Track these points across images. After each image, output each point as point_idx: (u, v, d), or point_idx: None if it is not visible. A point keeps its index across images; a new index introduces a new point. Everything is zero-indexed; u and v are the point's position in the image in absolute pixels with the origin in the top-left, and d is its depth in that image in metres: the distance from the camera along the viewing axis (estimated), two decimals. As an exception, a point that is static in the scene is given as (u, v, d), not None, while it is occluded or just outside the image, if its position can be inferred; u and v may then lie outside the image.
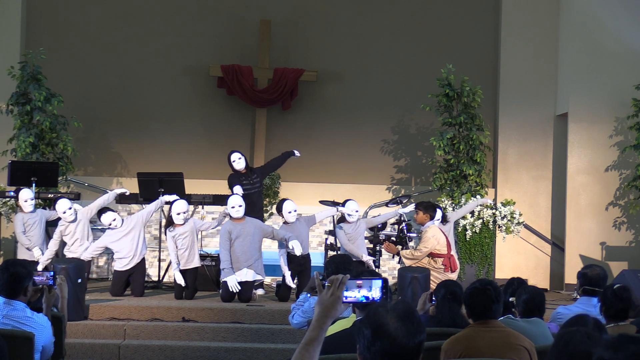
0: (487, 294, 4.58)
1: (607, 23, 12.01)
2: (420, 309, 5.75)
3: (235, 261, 9.38)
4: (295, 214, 9.73)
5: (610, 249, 11.89)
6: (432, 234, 9.43)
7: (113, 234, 9.64)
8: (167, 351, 8.21)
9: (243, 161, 10.31)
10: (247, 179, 10.27)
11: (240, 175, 10.29)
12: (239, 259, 9.38)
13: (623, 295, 5.41)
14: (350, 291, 2.83)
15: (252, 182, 10.28)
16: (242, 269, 9.36)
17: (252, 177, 10.30)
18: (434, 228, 9.51)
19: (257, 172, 10.47)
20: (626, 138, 11.84)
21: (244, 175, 10.29)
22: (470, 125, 11.61)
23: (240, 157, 10.32)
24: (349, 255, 6.84)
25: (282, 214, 9.73)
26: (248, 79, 12.39)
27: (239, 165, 10.29)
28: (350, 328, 4.09)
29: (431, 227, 9.49)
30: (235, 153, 10.38)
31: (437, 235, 9.46)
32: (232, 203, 9.44)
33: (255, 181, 10.30)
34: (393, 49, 12.93)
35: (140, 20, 12.82)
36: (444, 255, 9.46)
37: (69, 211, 9.66)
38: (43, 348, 4.81)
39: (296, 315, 6.26)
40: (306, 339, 2.79)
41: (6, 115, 11.44)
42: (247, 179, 10.27)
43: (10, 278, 4.80)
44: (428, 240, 9.38)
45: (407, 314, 2.62)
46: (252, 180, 10.29)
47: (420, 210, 9.60)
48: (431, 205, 9.70)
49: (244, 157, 10.36)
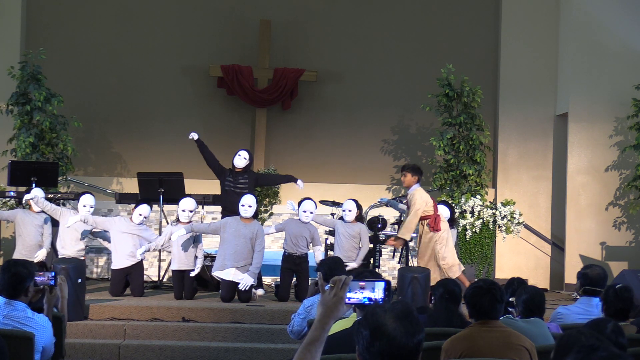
0: (492, 294, 4.58)
1: (607, 23, 12.01)
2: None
3: (223, 257, 9.34)
4: (311, 215, 9.73)
5: (610, 249, 11.89)
6: (419, 195, 9.45)
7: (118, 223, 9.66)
8: (167, 351, 8.20)
9: (245, 162, 10.07)
10: (232, 176, 10.04)
11: (230, 171, 10.11)
12: (228, 257, 9.31)
13: (624, 295, 5.42)
14: (353, 292, 2.83)
15: (235, 182, 10.02)
16: (228, 267, 9.32)
17: (238, 177, 10.04)
18: (420, 190, 9.53)
19: (251, 177, 10.17)
20: (626, 138, 11.84)
21: (233, 172, 10.11)
22: (470, 125, 11.62)
23: (246, 157, 10.12)
24: (339, 257, 6.82)
25: (299, 210, 9.75)
26: (248, 79, 12.39)
27: (238, 162, 10.07)
28: (351, 328, 4.09)
29: (417, 189, 9.51)
30: (242, 150, 10.24)
31: (424, 196, 9.50)
32: (242, 201, 9.43)
33: (239, 182, 10.02)
34: (393, 49, 12.94)
35: (140, 20, 12.81)
36: (431, 217, 9.48)
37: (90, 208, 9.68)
38: (43, 348, 4.80)
39: (296, 321, 6.19)
40: (308, 339, 2.79)
41: (6, 115, 11.44)
42: (231, 176, 10.05)
43: (11, 278, 4.80)
44: (416, 202, 9.38)
45: (405, 314, 2.61)
46: (237, 180, 10.03)
47: (409, 173, 9.58)
48: (418, 168, 9.71)
49: (249, 159, 10.12)
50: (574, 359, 2.42)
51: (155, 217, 10.87)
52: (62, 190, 11.18)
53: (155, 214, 10.76)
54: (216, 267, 9.40)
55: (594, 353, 2.40)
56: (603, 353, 2.39)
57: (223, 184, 10.11)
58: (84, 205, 9.71)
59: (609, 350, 2.39)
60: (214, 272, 9.44)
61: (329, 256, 8.44)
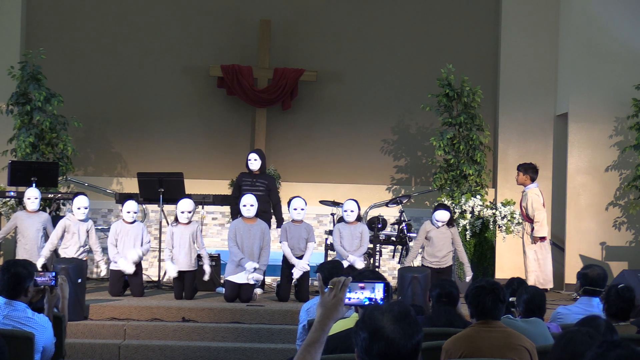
0: (495, 294, 4.58)
1: (607, 23, 12.01)
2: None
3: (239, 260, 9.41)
4: (302, 212, 9.72)
5: (610, 249, 11.89)
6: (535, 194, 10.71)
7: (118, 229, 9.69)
8: (167, 351, 8.20)
9: (259, 163, 10.15)
10: (251, 178, 10.18)
11: (248, 175, 10.25)
12: (245, 259, 9.40)
13: (626, 295, 5.41)
14: (353, 293, 2.84)
15: (254, 184, 10.14)
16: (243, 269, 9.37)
17: (257, 180, 10.17)
18: (534, 189, 10.74)
19: (267, 180, 10.27)
20: (626, 138, 11.84)
21: (251, 175, 10.24)
22: (470, 125, 11.61)
23: (257, 159, 10.16)
24: (339, 261, 6.79)
25: (289, 210, 9.76)
26: (248, 79, 12.39)
27: (253, 165, 10.17)
28: (352, 328, 4.09)
29: (532, 189, 10.72)
30: (253, 153, 10.29)
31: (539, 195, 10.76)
32: (243, 202, 9.48)
33: (258, 185, 10.15)
34: (393, 49, 12.93)
35: (140, 20, 12.81)
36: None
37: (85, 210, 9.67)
38: (44, 348, 4.80)
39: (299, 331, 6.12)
40: (308, 340, 2.80)
41: (6, 115, 11.43)
42: (250, 179, 10.19)
43: (11, 279, 4.80)
44: (537, 201, 10.64)
45: (403, 315, 2.61)
46: (256, 182, 10.15)
47: (521, 172, 10.75)
48: (531, 167, 10.79)
49: (260, 159, 10.19)
50: (594, 354, 2.44)
51: (155, 217, 10.86)
52: (62, 190, 11.18)
53: (155, 214, 10.75)
54: (229, 272, 9.39)
55: (614, 350, 2.42)
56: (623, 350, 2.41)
57: (240, 187, 10.16)
58: (78, 208, 9.65)
59: (630, 348, 2.42)
60: (227, 277, 9.43)
61: (329, 260, 8.40)
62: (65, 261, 8.78)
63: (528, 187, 10.78)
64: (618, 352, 2.42)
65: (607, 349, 2.43)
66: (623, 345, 2.43)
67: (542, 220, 10.68)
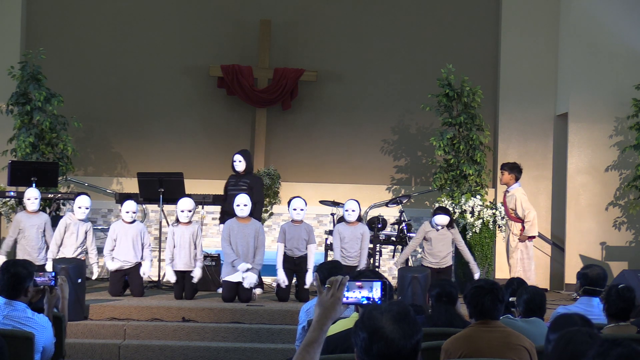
0: (494, 294, 4.58)
1: (607, 23, 12.01)
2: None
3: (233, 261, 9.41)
4: (302, 212, 9.72)
5: (610, 249, 11.89)
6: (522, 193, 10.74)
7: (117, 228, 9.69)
8: (167, 351, 8.20)
9: (243, 164, 10.21)
10: (235, 179, 10.26)
11: (234, 176, 10.34)
12: (239, 259, 9.41)
13: (626, 295, 5.41)
14: (351, 292, 2.84)
15: (237, 184, 10.19)
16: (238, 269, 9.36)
17: (241, 180, 10.21)
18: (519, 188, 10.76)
19: (250, 180, 10.26)
20: (626, 138, 11.84)
21: (237, 176, 10.29)
22: (470, 125, 11.61)
23: (241, 160, 10.22)
24: (338, 261, 6.78)
25: (289, 210, 9.76)
26: (248, 79, 12.39)
27: (238, 167, 10.27)
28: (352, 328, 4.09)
29: (517, 188, 10.74)
30: (237, 154, 10.34)
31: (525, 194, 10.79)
32: (236, 202, 9.50)
33: (240, 184, 10.16)
34: (393, 49, 12.93)
35: (140, 21, 12.81)
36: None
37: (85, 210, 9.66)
38: (44, 348, 4.80)
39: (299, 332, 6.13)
40: (307, 340, 2.80)
41: (6, 115, 11.43)
42: (234, 179, 10.27)
43: (11, 279, 4.80)
44: (525, 201, 10.69)
45: (402, 315, 2.61)
46: (239, 182, 10.20)
47: (506, 172, 10.75)
48: (516, 167, 10.79)
49: (245, 160, 10.23)
50: (596, 352, 2.45)
51: (155, 217, 10.86)
52: (62, 190, 11.17)
53: (155, 214, 10.75)
54: (226, 273, 9.40)
55: (615, 348, 2.43)
56: (624, 349, 2.42)
57: (227, 188, 10.31)
58: (79, 207, 9.67)
59: (631, 347, 2.43)
60: (223, 277, 9.43)
61: (328, 260, 8.41)
62: (65, 261, 8.79)
63: (512, 187, 10.82)
64: (619, 350, 2.42)
65: (609, 347, 2.44)
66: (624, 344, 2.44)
67: (533, 220, 10.70)
